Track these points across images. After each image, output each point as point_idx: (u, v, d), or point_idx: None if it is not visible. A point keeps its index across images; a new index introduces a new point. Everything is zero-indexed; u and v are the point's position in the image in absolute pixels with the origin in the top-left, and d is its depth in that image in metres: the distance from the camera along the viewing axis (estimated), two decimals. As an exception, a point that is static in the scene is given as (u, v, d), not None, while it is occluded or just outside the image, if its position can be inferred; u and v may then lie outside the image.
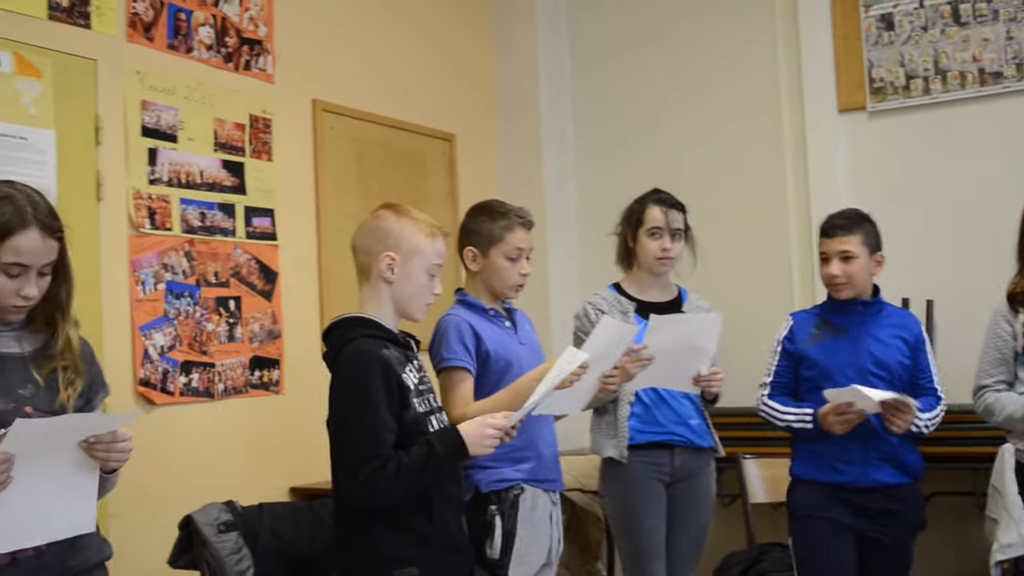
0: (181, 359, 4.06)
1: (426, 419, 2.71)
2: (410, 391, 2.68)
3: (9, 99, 3.59)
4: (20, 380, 2.29)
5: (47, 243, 2.28)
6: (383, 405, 2.60)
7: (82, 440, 2.16)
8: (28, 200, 2.28)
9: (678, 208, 3.84)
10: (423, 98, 5.48)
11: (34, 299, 2.29)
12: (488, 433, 2.61)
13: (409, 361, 2.75)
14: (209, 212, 4.24)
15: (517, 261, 3.36)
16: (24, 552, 2.20)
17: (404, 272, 2.73)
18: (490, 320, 3.34)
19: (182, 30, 4.23)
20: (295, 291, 4.62)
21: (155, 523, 3.61)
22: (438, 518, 2.68)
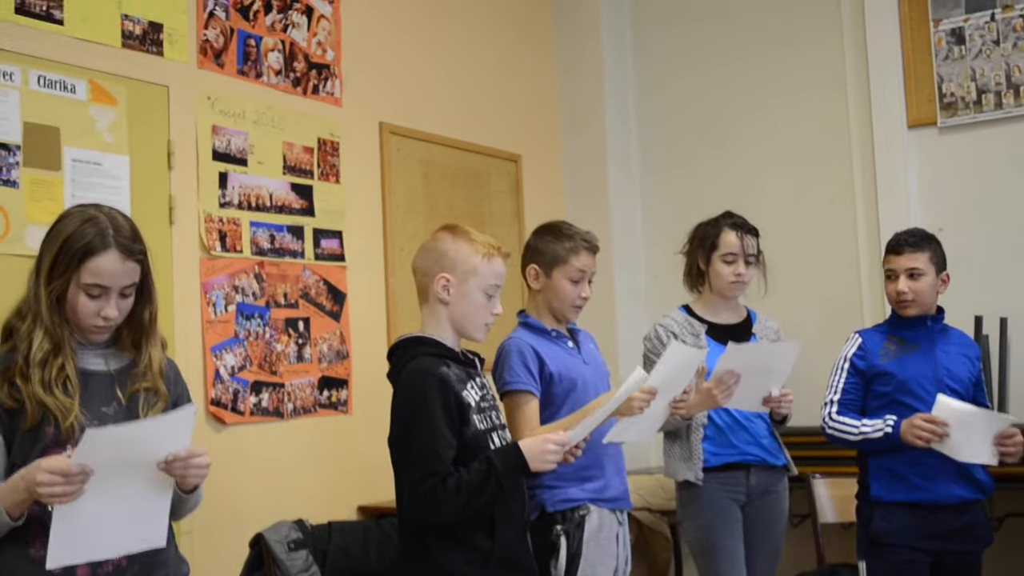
0: (251, 379, 4.12)
1: (487, 436, 2.72)
2: (470, 408, 2.69)
3: (85, 126, 3.68)
4: (104, 398, 2.33)
5: (127, 265, 2.31)
6: (442, 422, 2.62)
7: (160, 460, 2.18)
8: (111, 222, 2.32)
9: (753, 233, 3.83)
10: (488, 119, 5.52)
11: (114, 320, 2.32)
12: (549, 448, 2.61)
13: (471, 378, 2.77)
14: (278, 234, 4.30)
15: (579, 284, 3.35)
16: (104, 568, 2.24)
17: (460, 293, 2.76)
18: (552, 341, 3.33)
19: (252, 56, 4.30)
20: (363, 312, 4.66)
21: (226, 541, 3.66)
22: (500, 536, 2.68)
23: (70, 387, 2.26)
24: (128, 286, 2.33)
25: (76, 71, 3.67)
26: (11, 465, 2.22)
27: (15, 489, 2.12)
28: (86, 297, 2.28)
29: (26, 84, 3.52)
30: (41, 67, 3.57)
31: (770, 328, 3.90)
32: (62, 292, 2.28)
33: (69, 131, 3.63)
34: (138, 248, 2.34)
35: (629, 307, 5.82)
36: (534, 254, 3.41)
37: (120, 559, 2.26)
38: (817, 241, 5.36)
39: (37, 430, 2.22)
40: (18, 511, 2.14)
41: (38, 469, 2.06)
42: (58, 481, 2.04)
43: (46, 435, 2.22)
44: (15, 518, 2.15)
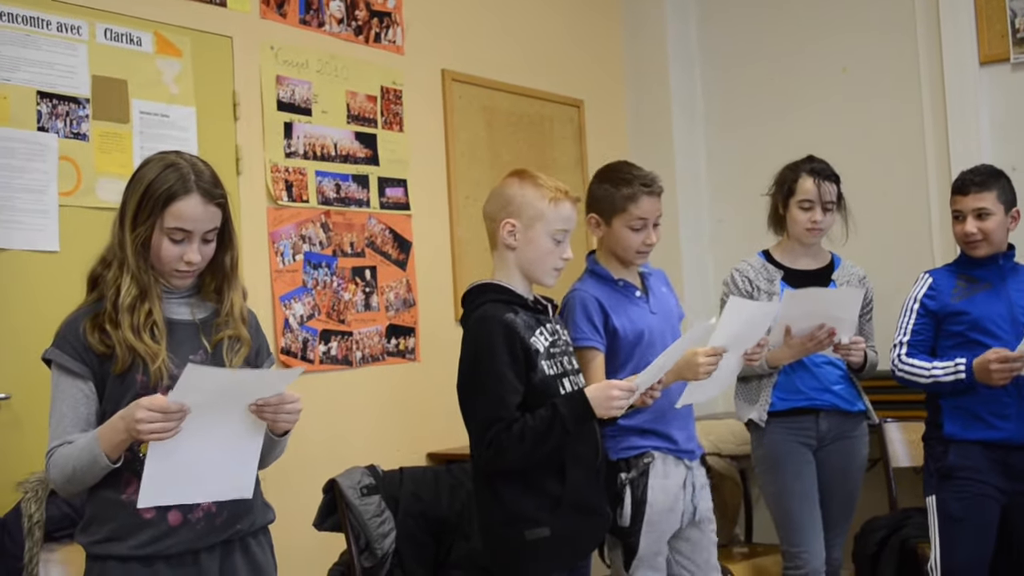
0: (320, 328, 4.16)
1: (557, 381, 2.73)
2: (538, 354, 2.70)
3: (151, 78, 3.70)
4: (191, 347, 2.35)
5: (208, 209, 2.33)
6: (507, 367, 2.64)
7: (251, 403, 2.20)
8: (192, 168, 2.34)
9: (832, 179, 3.75)
10: (550, 65, 5.47)
11: (197, 265, 2.34)
12: (613, 395, 2.60)
13: (541, 324, 2.76)
14: (344, 184, 4.31)
15: (641, 231, 3.20)
16: (195, 514, 2.28)
17: (526, 238, 2.75)
18: (618, 291, 3.25)
19: (313, 5, 4.29)
20: (428, 260, 4.67)
21: (299, 488, 3.70)
22: (570, 480, 2.70)
23: (157, 332, 2.28)
24: (210, 231, 2.35)
25: (141, 24, 3.68)
26: (102, 412, 2.26)
27: (115, 429, 2.16)
28: (169, 242, 2.30)
29: (93, 38, 3.55)
30: (107, 20, 3.59)
31: (854, 275, 3.84)
32: (146, 238, 2.29)
33: (136, 83, 3.65)
34: (219, 192, 2.36)
35: (694, 252, 5.77)
36: (593, 202, 3.28)
37: (210, 504, 2.29)
38: (887, 182, 5.25)
39: (127, 376, 2.25)
40: (116, 453, 2.18)
41: (137, 407, 2.09)
42: (157, 418, 2.07)
43: (136, 382, 2.25)
44: (113, 460, 2.19)
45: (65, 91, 3.45)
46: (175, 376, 2.25)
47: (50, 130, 3.40)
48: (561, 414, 2.60)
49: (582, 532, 2.76)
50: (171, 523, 2.27)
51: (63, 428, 2.25)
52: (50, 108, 3.40)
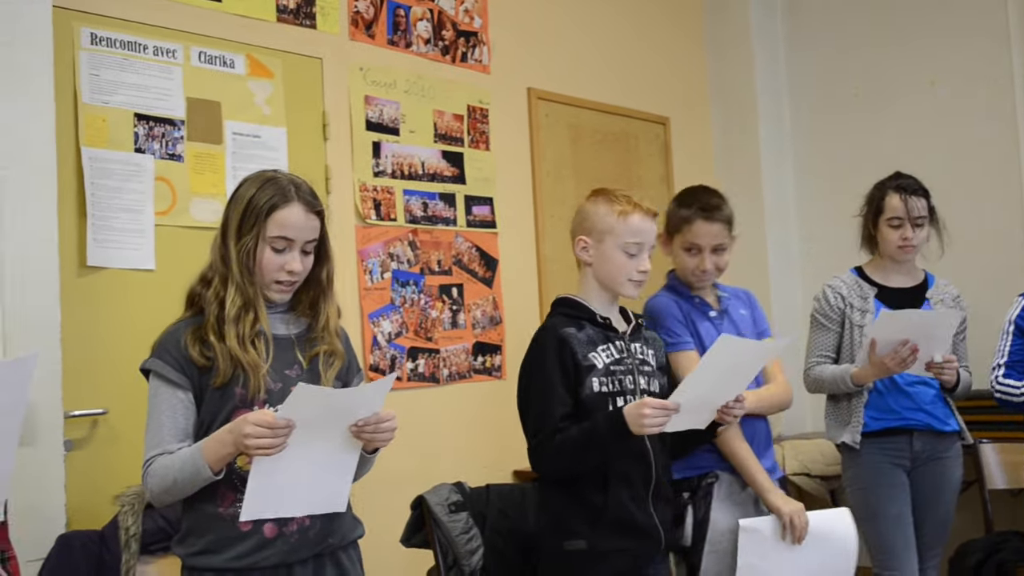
0: (408, 345, 4.19)
1: (609, 399, 2.71)
2: (593, 370, 2.71)
3: (244, 99, 3.77)
4: (288, 362, 2.38)
5: (309, 218, 2.37)
6: (556, 380, 2.68)
7: (351, 423, 2.22)
8: (291, 181, 2.40)
9: (920, 194, 3.68)
10: (636, 82, 5.47)
11: (298, 275, 2.38)
12: (644, 413, 2.55)
13: (609, 341, 2.76)
14: (431, 202, 4.35)
15: (695, 255, 3.17)
16: (290, 527, 2.31)
17: (599, 252, 2.79)
18: (693, 307, 3.23)
19: (401, 26, 4.34)
20: (514, 277, 4.69)
21: (386, 504, 3.72)
22: (613, 496, 2.69)
23: (259, 344, 2.32)
24: (310, 241, 2.39)
25: (234, 46, 3.76)
26: (200, 423, 2.30)
27: (221, 443, 2.19)
28: (271, 251, 2.34)
29: (188, 61, 3.63)
30: (201, 44, 3.67)
31: (948, 294, 3.76)
32: (250, 249, 2.34)
33: (229, 105, 3.72)
34: (318, 203, 2.41)
35: (782, 269, 5.71)
36: (666, 220, 3.26)
37: (303, 518, 2.32)
38: (980, 200, 5.11)
39: (226, 389, 2.29)
40: (219, 466, 2.22)
41: (245, 422, 2.12)
42: (265, 434, 2.11)
43: (235, 395, 2.29)
44: (216, 472, 2.22)
45: (161, 113, 3.53)
46: (271, 390, 2.29)
47: (146, 151, 3.48)
48: (598, 429, 2.61)
49: (623, 550, 2.73)
50: (267, 535, 2.29)
51: (161, 437, 2.29)
52: (147, 130, 3.48)
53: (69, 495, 2.98)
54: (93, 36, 3.39)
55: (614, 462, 2.68)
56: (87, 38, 3.38)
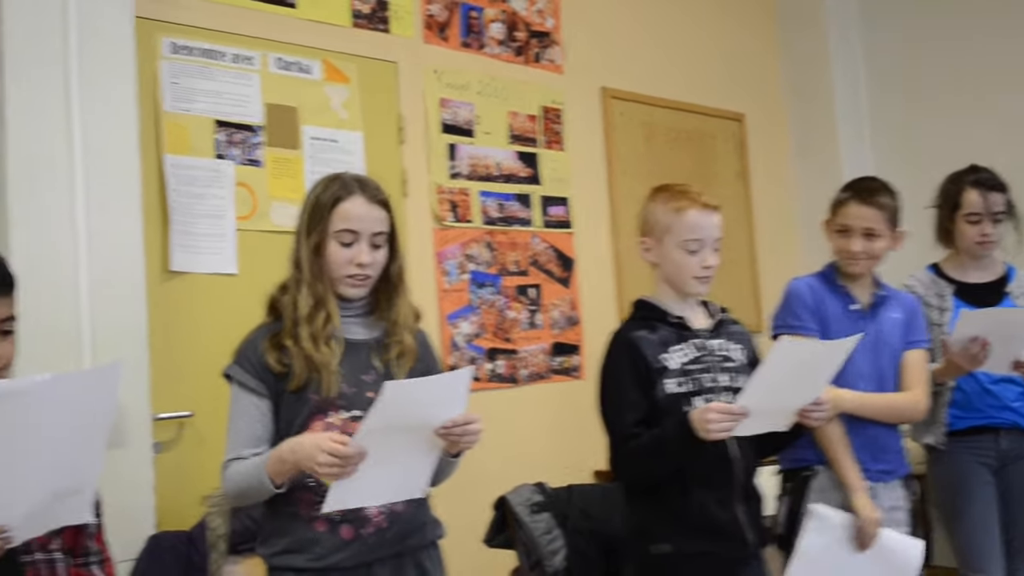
0: (486, 346, 4.19)
1: (687, 399, 2.65)
2: (665, 371, 2.65)
3: (320, 104, 3.81)
4: (363, 366, 2.37)
5: (372, 209, 2.37)
6: (629, 384, 2.64)
7: (438, 426, 2.20)
8: (354, 176, 2.41)
9: (999, 189, 3.59)
10: (709, 79, 5.42)
11: (368, 269, 2.36)
12: (708, 418, 2.47)
13: (683, 340, 2.72)
14: (507, 203, 4.35)
15: (845, 236, 3.17)
16: (367, 528, 2.31)
17: (660, 252, 2.73)
18: (834, 296, 3.18)
19: (474, 28, 4.36)
20: (591, 277, 4.67)
21: (467, 504, 3.73)
22: (695, 499, 2.64)
23: (332, 344, 2.32)
24: (377, 234, 2.38)
25: (310, 52, 3.80)
26: (276, 430, 2.32)
27: (282, 461, 2.20)
28: (338, 245, 2.34)
29: (265, 67, 3.67)
30: (278, 50, 3.71)
31: None
32: (320, 246, 2.35)
33: (306, 110, 3.76)
34: (382, 195, 2.40)
35: (862, 266, 5.62)
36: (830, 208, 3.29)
37: (381, 520, 2.32)
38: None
39: (302, 394, 2.30)
40: (281, 479, 2.23)
41: (318, 450, 2.12)
42: (337, 463, 2.11)
43: (310, 402, 2.30)
44: (278, 486, 2.24)
45: (240, 119, 3.58)
46: (345, 394, 2.30)
47: (227, 157, 3.53)
48: (668, 435, 2.56)
49: (708, 553, 2.70)
50: (343, 537, 2.30)
51: (238, 443, 2.31)
52: (227, 136, 3.53)
53: (158, 496, 3.03)
54: (174, 45, 3.45)
55: (696, 465, 2.65)
56: (168, 47, 3.43)
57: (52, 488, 1.98)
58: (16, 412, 1.88)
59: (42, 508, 1.97)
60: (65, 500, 2.01)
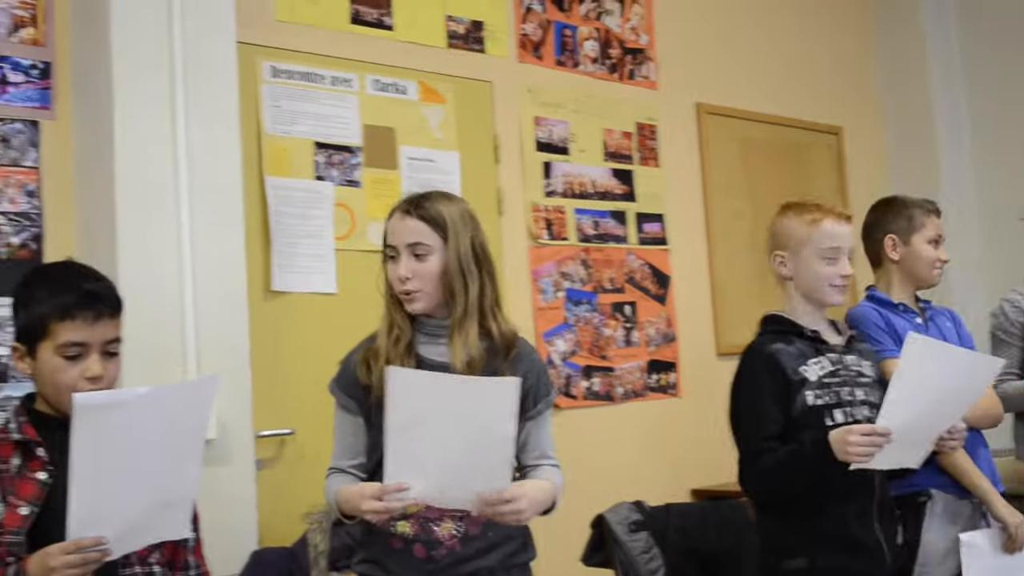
0: (582, 364, 4.19)
1: (826, 411, 2.63)
2: (804, 384, 2.64)
3: (417, 125, 3.85)
4: None
5: (406, 222, 2.33)
6: (766, 398, 2.64)
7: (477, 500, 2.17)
8: (406, 196, 2.41)
9: None
10: (805, 92, 5.36)
11: (408, 283, 2.32)
12: (849, 440, 2.45)
13: (820, 354, 2.70)
14: (602, 220, 4.35)
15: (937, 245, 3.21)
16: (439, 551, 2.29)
17: (797, 265, 2.74)
18: (899, 314, 3.16)
19: (568, 46, 4.37)
20: (687, 294, 4.65)
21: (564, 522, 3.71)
22: (833, 514, 2.62)
23: (407, 365, 2.31)
24: (413, 244, 2.32)
25: (407, 73, 3.84)
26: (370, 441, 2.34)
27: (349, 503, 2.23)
28: (389, 262, 2.36)
29: (363, 89, 3.72)
30: (376, 72, 3.76)
31: None
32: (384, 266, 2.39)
33: (403, 130, 3.81)
34: (420, 209, 2.34)
35: (963, 280, 5.48)
36: (888, 224, 3.24)
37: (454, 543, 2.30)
38: None
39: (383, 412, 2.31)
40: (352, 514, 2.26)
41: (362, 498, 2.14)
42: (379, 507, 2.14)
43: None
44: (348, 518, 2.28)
45: (339, 141, 3.63)
46: None
47: (326, 178, 3.58)
48: (805, 453, 2.55)
49: (845, 569, 2.65)
50: (417, 556, 2.30)
51: (337, 454, 2.37)
52: (326, 158, 3.59)
53: (260, 513, 3.08)
54: (274, 69, 3.51)
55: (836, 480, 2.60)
56: (268, 71, 3.50)
57: (150, 501, 2.01)
58: (116, 424, 1.92)
59: (140, 522, 2.01)
60: (163, 514, 2.05)
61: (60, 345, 2.09)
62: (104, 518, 1.94)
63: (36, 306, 2.12)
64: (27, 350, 2.14)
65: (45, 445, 2.10)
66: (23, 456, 2.10)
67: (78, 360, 2.10)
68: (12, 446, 2.11)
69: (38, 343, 2.11)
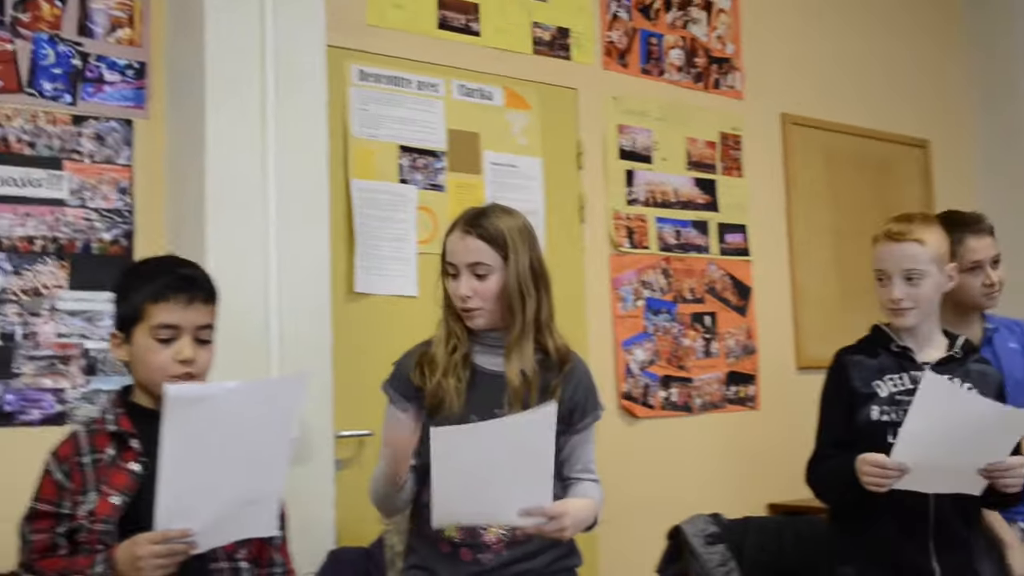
0: (661, 374, 4.17)
1: (886, 428, 2.59)
2: (872, 398, 2.63)
3: (501, 130, 3.86)
4: (496, 400, 2.37)
5: (465, 241, 2.37)
6: (833, 406, 2.73)
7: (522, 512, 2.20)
8: (465, 212, 2.45)
9: None
10: (892, 104, 5.28)
11: (470, 300, 2.36)
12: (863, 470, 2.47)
13: (904, 370, 2.66)
14: (683, 230, 4.33)
15: (977, 271, 3.07)
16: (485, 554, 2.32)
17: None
18: None
19: (654, 54, 4.35)
20: (768, 306, 4.60)
21: (638, 531, 3.71)
22: (880, 529, 2.60)
23: (461, 375, 2.37)
24: (473, 264, 2.36)
25: (492, 79, 3.85)
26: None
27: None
28: (448, 278, 2.41)
29: (449, 94, 3.74)
30: (461, 77, 3.78)
31: None
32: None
33: (487, 136, 3.82)
34: (480, 228, 2.37)
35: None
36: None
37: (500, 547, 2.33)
38: None
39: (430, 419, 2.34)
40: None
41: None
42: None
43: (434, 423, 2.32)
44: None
45: (424, 145, 3.65)
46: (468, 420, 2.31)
47: (410, 182, 3.60)
48: (845, 471, 2.54)
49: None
50: (463, 559, 2.34)
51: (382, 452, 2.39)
52: (410, 161, 3.61)
53: (338, 512, 3.10)
54: (362, 73, 3.54)
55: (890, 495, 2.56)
56: (356, 75, 3.53)
57: (237, 497, 2.04)
58: (205, 417, 1.95)
59: (227, 517, 2.04)
60: (250, 511, 2.08)
61: (153, 327, 2.14)
62: (191, 511, 1.97)
63: (133, 293, 2.17)
64: (124, 337, 2.19)
65: (139, 436, 2.14)
66: (118, 447, 2.14)
67: (170, 343, 2.14)
68: (108, 437, 2.15)
69: (134, 327, 2.16)
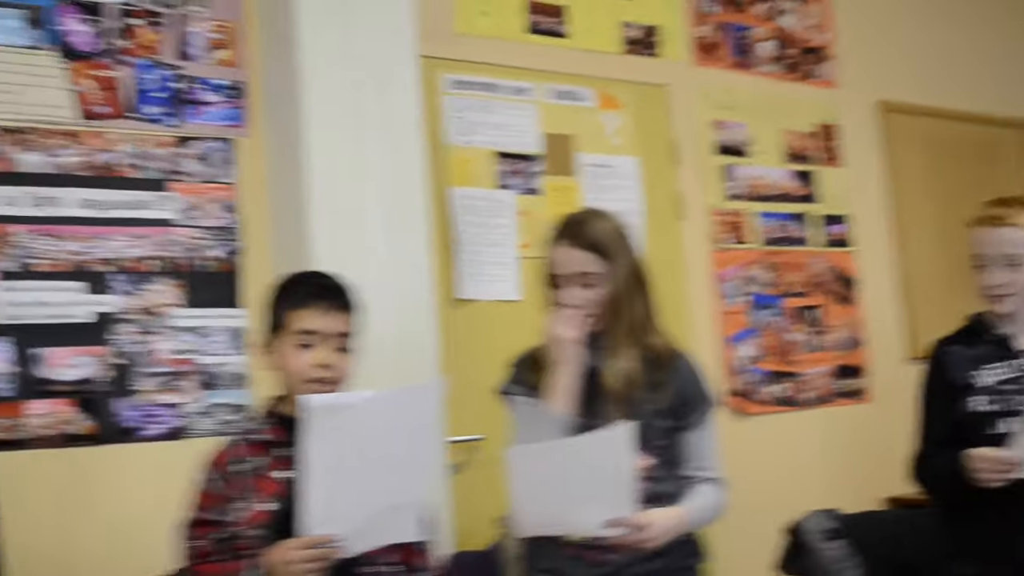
0: (768, 369, 4.12)
1: (992, 418, 2.55)
2: (971, 388, 2.58)
3: (595, 132, 3.85)
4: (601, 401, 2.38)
5: (573, 253, 2.38)
6: (932, 399, 2.67)
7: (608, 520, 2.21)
8: (569, 217, 2.47)
9: None
10: (994, 86, 5.15)
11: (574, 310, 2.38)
12: (978, 467, 2.42)
13: (1004, 359, 2.60)
14: (785, 223, 4.28)
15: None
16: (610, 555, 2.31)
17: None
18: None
19: (745, 47, 4.31)
20: (876, 297, 4.53)
21: (753, 528, 3.66)
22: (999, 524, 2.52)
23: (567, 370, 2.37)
24: (578, 274, 2.38)
25: (584, 80, 3.85)
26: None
27: None
28: (552, 287, 2.43)
29: (541, 97, 3.75)
30: (554, 80, 3.78)
31: None
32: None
33: (581, 137, 3.82)
34: (582, 238, 2.39)
35: None
36: None
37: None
38: None
39: None
40: None
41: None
42: None
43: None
44: None
45: (519, 150, 3.66)
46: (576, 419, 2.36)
47: (508, 187, 3.62)
48: (948, 471, 2.50)
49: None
50: (589, 559, 2.35)
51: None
52: (507, 167, 3.62)
53: (454, 517, 3.12)
54: (454, 81, 3.56)
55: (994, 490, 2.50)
56: (449, 83, 3.55)
57: (381, 502, 2.09)
58: (345, 425, 2.01)
59: (372, 522, 2.08)
60: (395, 516, 2.13)
61: (294, 332, 2.20)
62: (337, 516, 2.02)
63: (278, 303, 2.26)
64: (270, 346, 2.26)
65: (289, 445, 2.18)
66: (269, 455, 2.20)
67: (310, 349, 2.19)
68: (260, 446, 2.22)
69: (279, 336, 2.23)
